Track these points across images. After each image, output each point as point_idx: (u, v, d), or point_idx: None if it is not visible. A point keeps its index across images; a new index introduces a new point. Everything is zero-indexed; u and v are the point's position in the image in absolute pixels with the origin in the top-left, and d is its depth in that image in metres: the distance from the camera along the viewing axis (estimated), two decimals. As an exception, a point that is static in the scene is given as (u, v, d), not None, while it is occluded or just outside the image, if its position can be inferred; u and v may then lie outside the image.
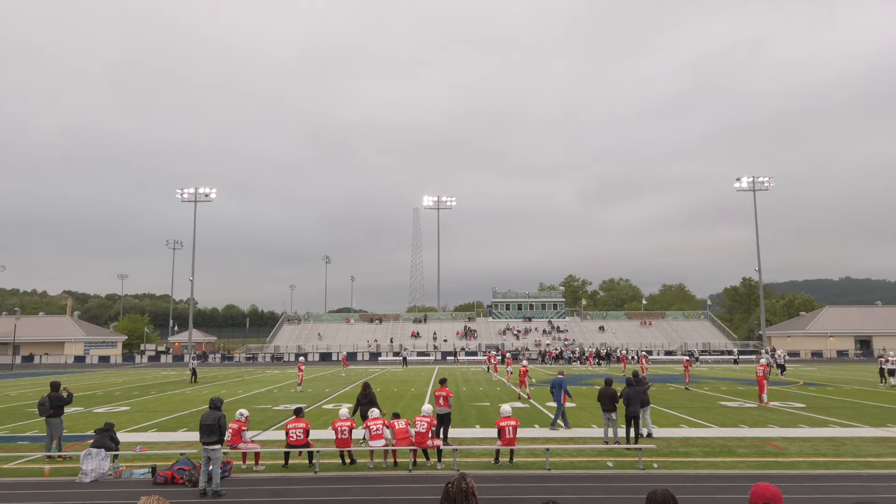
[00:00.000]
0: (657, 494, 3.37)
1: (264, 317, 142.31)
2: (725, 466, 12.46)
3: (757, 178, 76.04)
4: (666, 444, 14.88)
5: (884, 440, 15.38)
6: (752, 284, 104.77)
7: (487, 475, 11.98)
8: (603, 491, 10.63)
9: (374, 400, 15.53)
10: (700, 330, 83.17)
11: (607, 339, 78.31)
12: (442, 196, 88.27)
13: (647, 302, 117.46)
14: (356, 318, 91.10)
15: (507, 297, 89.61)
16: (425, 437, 12.86)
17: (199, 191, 76.88)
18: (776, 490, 3.34)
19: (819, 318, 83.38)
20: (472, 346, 77.84)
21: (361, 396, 15.71)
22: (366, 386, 16.22)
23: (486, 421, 19.03)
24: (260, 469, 12.71)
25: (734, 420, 19.10)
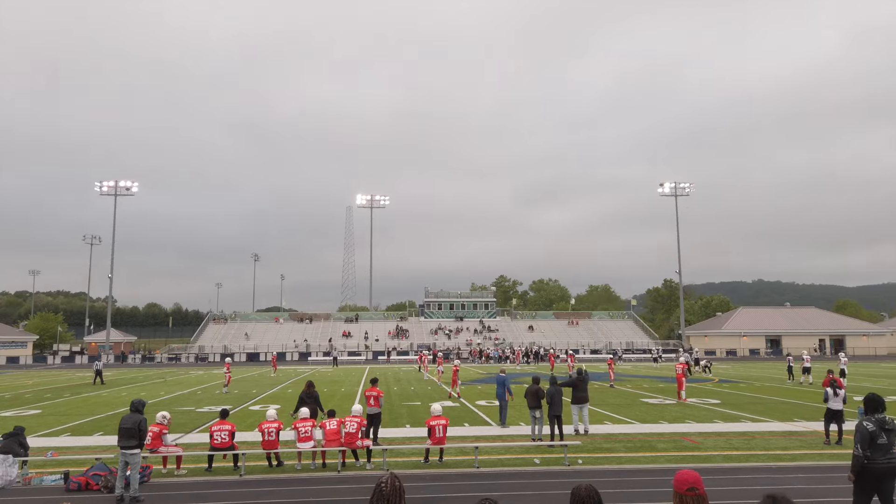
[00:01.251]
0: (581, 489, 3.47)
1: (188, 316, 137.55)
2: (646, 461, 12.94)
3: (678, 185, 79.33)
4: (590, 441, 15.31)
5: (791, 434, 16.34)
6: (672, 286, 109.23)
7: (417, 474, 12.01)
8: (530, 487, 10.85)
9: (317, 398, 15.28)
10: (624, 329, 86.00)
11: (536, 338, 79.83)
12: (375, 195, 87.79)
13: (575, 302, 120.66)
14: (286, 318, 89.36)
15: (440, 296, 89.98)
16: (355, 438, 12.75)
17: (120, 184, 73.59)
18: (698, 475, 3.53)
19: (733, 318, 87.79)
20: (404, 345, 77.75)
21: (305, 395, 15.43)
22: (309, 384, 15.95)
23: (417, 420, 19.05)
24: (182, 473, 12.28)
25: (655, 416, 19.85)
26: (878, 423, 7.39)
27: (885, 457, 7.27)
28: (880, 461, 7.26)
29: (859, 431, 7.41)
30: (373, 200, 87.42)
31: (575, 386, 16.58)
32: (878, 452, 7.28)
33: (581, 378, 16.80)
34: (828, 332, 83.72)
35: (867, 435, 7.31)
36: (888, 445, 7.31)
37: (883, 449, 7.29)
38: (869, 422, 7.43)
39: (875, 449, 7.29)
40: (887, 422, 7.41)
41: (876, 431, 7.34)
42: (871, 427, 7.35)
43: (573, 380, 16.79)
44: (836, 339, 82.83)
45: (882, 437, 7.32)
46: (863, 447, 7.30)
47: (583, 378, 16.84)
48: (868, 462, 7.27)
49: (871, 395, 7.90)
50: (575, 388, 16.55)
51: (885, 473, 7.29)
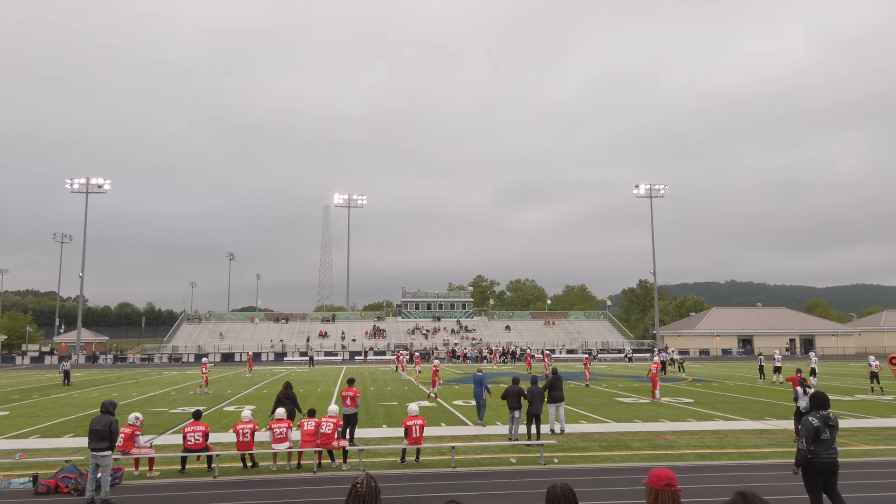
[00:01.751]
0: (556, 488, 3.50)
1: (162, 316, 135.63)
2: (621, 459, 13.07)
3: (654, 186, 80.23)
4: (566, 440, 15.43)
5: (762, 432, 16.62)
6: (647, 286, 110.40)
7: (394, 475, 11.99)
8: (506, 486, 10.89)
9: (294, 400, 15.15)
10: (599, 329, 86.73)
11: (513, 338, 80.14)
12: (353, 194, 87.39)
13: (551, 302, 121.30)
14: (261, 318, 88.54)
15: (417, 296, 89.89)
16: (331, 438, 12.69)
17: (92, 181, 72.30)
18: (673, 473, 3.58)
19: (707, 318, 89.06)
20: (381, 345, 77.54)
21: (283, 396, 15.31)
22: (287, 385, 15.83)
23: (394, 420, 19.02)
24: (154, 475, 12.11)
25: (629, 415, 20.06)
26: (823, 420, 7.85)
27: (827, 451, 7.75)
28: (823, 456, 7.74)
29: (805, 426, 7.86)
30: (350, 200, 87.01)
31: (552, 385, 16.71)
32: (822, 447, 7.75)
33: (557, 378, 16.96)
34: (798, 332, 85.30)
35: (812, 430, 7.76)
36: (830, 441, 7.77)
37: (826, 444, 7.75)
38: (815, 418, 7.86)
39: (819, 444, 7.74)
40: (831, 418, 7.88)
41: (820, 427, 7.79)
42: (817, 423, 7.80)
43: (550, 380, 16.91)
44: (807, 339, 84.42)
45: (825, 432, 7.78)
46: (808, 441, 7.76)
47: (558, 378, 17.00)
48: (812, 457, 7.73)
49: (818, 392, 8.42)
50: (551, 388, 16.68)
51: (827, 467, 7.78)
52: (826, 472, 7.81)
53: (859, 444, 14.67)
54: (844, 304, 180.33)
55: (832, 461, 7.81)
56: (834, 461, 7.84)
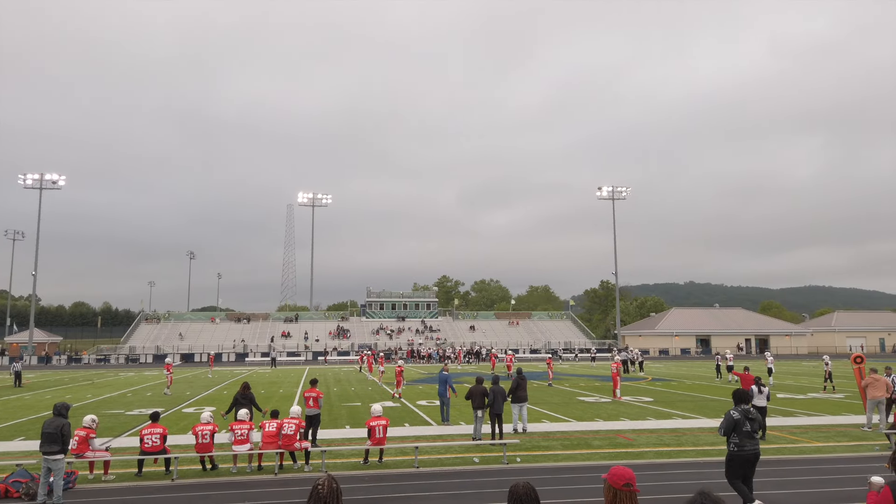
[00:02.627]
0: (518, 487, 3.52)
1: (119, 315, 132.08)
2: (582, 458, 13.23)
3: (616, 188, 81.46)
4: (529, 439, 15.55)
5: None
6: (609, 287, 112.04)
7: (356, 475, 11.93)
8: (469, 486, 10.93)
9: (253, 400, 14.90)
10: (562, 329, 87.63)
11: (478, 338, 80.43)
12: (318, 193, 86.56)
13: (515, 302, 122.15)
14: (222, 318, 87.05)
15: (382, 296, 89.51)
16: (293, 440, 12.55)
17: (46, 177, 70.12)
18: (632, 472, 3.64)
19: (666, 318, 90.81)
20: (345, 345, 77.02)
21: (240, 396, 15.04)
22: (245, 386, 15.56)
23: (357, 421, 18.91)
24: (110, 478, 11.81)
25: (591, 414, 20.32)
26: (743, 413, 8.54)
27: (749, 443, 8.43)
28: (747, 447, 8.42)
29: (725, 419, 8.59)
30: (315, 199, 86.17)
31: (517, 386, 16.86)
32: (745, 439, 8.42)
33: (522, 378, 17.10)
34: (754, 332, 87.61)
35: (732, 422, 8.48)
36: (752, 433, 8.45)
37: (748, 436, 8.43)
38: (736, 411, 8.60)
39: (742, 436, 8.42)
40: (751, 412, 8.59)
41: (741, 420, 8.47)
42: (737, 416, 8.51)
43: (515, 380, 17.06)
44: (761, 339, 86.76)
45: (746, 425, 8.45)
46: (726, 432, 8.55)
47: (523, 378, 17.14)
48: (738, 449, 8.41)
49: (738, 389, 9.12)
50: (516, 388, 16.81)
51: (750, 459, 8.46)
52: (749, 462, 8.47)
53: (812, 441, 15.13)
54: (798, 304, 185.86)
55: (756, 452, 8.48)
56: (757, 452, 8.51)
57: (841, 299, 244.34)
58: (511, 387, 16.77)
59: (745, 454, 8.41)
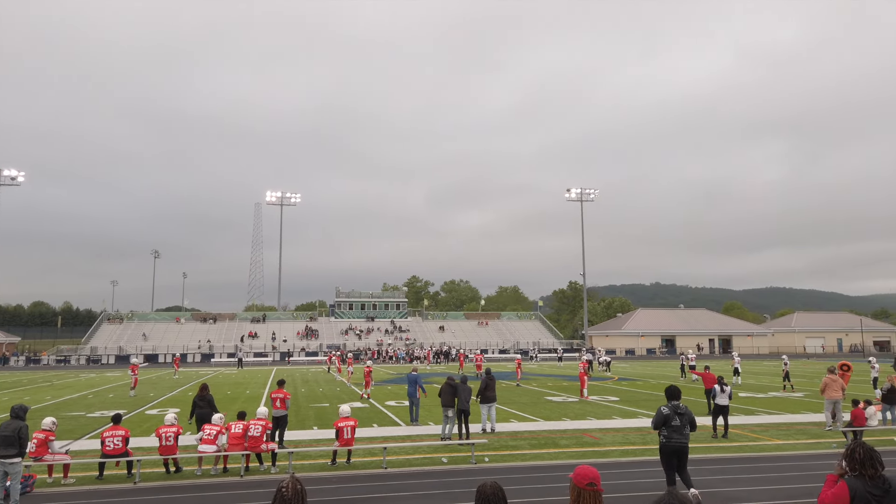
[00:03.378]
0: (486, 487, 3.54)
1: (80, 315, 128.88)
2: (549, 457, 13.34)
3: (584, 190, 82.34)
4: (497, 439, 15.62)
5: (682, 428, 17.31)
6: (577, 287, 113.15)
7: (324, 477, 11.84)
8: (438, 486, 10.93)
9: (211, 402, 14.65)
10: (531, 329, 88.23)
11: (447, 338, 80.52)
12: (286, 192, 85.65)
13: (485, 303, 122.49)
14: (187, 318, 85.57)
15: (351, 296, 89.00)
16: (259, 441, 12.40)
17: (3, 173, 68.07)
18: (596, 472, 3.68)
19: (632, 319, 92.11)
20: (314, 346, 76.37)
21: (198, 398, 14.77)
22: (203, 388, 15.30)
23: (325, 422, 18.78)
24: (70, 482, 11.52)
25: (558, 413, 20.50)
26: (673, 409, 9.24)
27: (678, 435, 9.13)
28: (674, 439, 9.12)
29: (656, 414, 9.35)
30: (283, 197, 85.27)
31: (486, 386, 16.92)
32: (674, 432, 9.13)
33: (490, 378, 17.17)
34: (717, 333, 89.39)
35: (662, 417, 9.24)
36: (681, 427, 9.13)
37: (677, 429, 9.12)
38: (666, 407, 9.31)
39: (671, 429, 9.13)
40: (680, 408, 9.24)
41: (670, 415, 9.19)
42: (667, 411, 9.24)
43: (484, 380, 17.11)
44: (724, 339, 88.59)
45: (676, 419, 9.14)
46: (656, 426, 9.30)
47: (492, 378, 17.21)
48: (666, 440, 9.14)
49: (670, 386, 9.74)
50: (485, 388, 16.87)
51: (678, 450, 9.16)
52: (677, 453, 9.17)
53: (772, 439, 15.49)
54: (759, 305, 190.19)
55: (682, 444, 9.16)
56: (684, 445, 9.19)
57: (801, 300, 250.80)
58: (480, 387, 16.83)
59: (672, 446, 9.14)
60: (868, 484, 4.29)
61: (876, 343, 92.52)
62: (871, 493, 4.27)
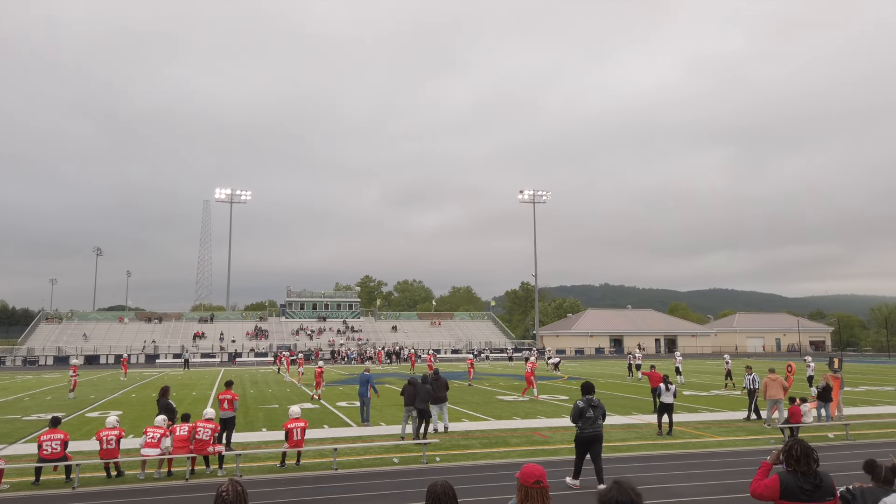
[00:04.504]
0: (437, 486, 3.55)
1: (16, 315, 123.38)
2: (500, 456, 13.47)
3: (537, 192, 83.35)
4: (449, 438, 15.67)
5: (630, 427, 17.72)
6: (529, 288, 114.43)
7: (272, 479, 11.66)
8: (388, 487, 10.90)
9: (168, 407, 14.18)
10: (483, 329, 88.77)
11: (400, 338, 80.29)
12: (236, 189, 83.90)
13: (437, 303, 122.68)
14: (131, 317, 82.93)
15: (302, 296, 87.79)
16: (206, 444, 12.13)
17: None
18: (542, 469, 3.73)
19: (582, 319, 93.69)
20: (263, 346, 75.04)
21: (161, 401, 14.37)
22: (165, 390, 14.88)
23: (274, 423, 18.49)
24: (4, 488, 11.03)
25: (509, 413, 20.70)
26: (587, 402, 10.41)
27: (591, 427, 10.28)
28: (587, 430, 10.29)
29: (574, 408, 10.52)
30: (233, 194, 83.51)
31: (433, 384, 16.97)
32: (587, 423, 10.28)
33: (437, 379, 17.26)
34: (663, 333, 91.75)
35: (578, 410, 10.39)
36: (594, 419, 10.29)
37: (590, 421, 10.27)
38: (581, 401, 10.47)
39: (585, 421, 10.28)
40: (594, 401, 10.44)
41: (585, 408, 10.35)
42: (582, 405, 10.39)
43: (431, 380, 17.18)
44: (670, 339, 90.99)
45: (590, 412, 10.32)
46: (573, 419, 10.45)
47: (438, 379, 17.30)
48: (581, 431, 10.28)
49: (585, 382, 10.98)
50: (434, 389, 16.91)
51: (591, 439, 10.29)
52: (590, 442, 10.28)
53: (714, 435, 15.99)
54: (703, 306, 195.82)
55: (595, 434, 10.32)
56: (597, 434, 10.35)
57: (742, 301, 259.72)
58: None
59: (587, 435, 10.30)
60: (800, 479, 4.49)
61: (812, 343, 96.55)
62: (802, 487, 4.47)
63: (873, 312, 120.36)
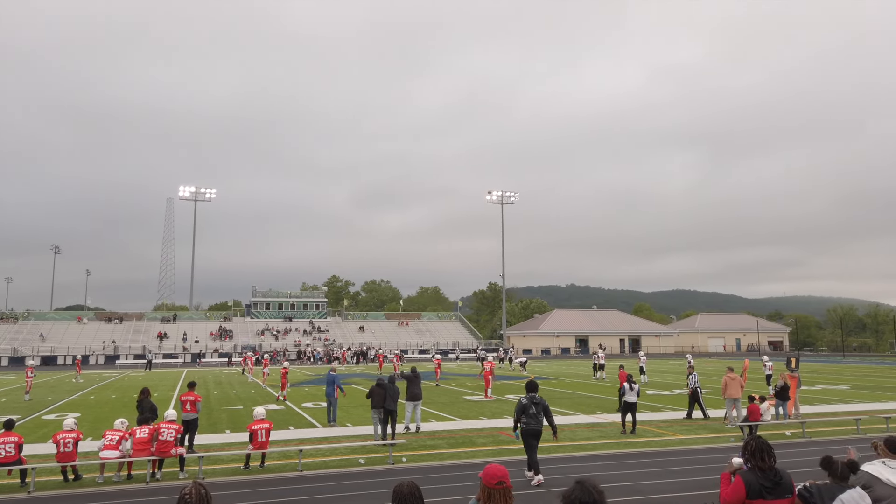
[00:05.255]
0: (403, 486, 3.54)
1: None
2: (467, 456, 13.50)
3: (505, 193, 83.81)
4: (416, 439, 15.65)
5: (594, 426, 17.93)
6: (496, 288, 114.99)
7: (236, 481, 11.49)
8: (354, 488, 10.84)
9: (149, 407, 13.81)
10: (451, 330, 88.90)
11: (367, 338, 79.90)
12: (201, 187, 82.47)
13: (405, 303, 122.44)
14: (91, 317, 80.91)
15: (268, 296, 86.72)
16: (169, 446, 11.89)
17: None
18: (505, 469, 3.73)
19: (548, 319, 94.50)
20: (227, 347, 73.92)
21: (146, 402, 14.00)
22: (145, 392, 14.52)
23: (238, 425, 18.24)
24: (-47, 495, 10.65)
25: (476, 413, 20.77)
26: (530, 399, 11.20)
27: (534, 422, 11.04)
28: (531, 425, 11.06)
29: (518, 404, 11.28)
30: (198, 192, 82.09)
31: (409, 381, 17.00)
32: (531, 419, 11.08)
33: (415, 375, 17.26)
34: (627, 333, 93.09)
35: (521, 406, 11.18)
36: (536, 414, 11.08)
37: (533, 417, 11.07)
38: (525, 398, 11.26)
39: (528, 417, 11.08)
40: (536, 398, 11.22)
41: (527, 405, 11.14)
42: (525, 402, 11.18)
43: (407, 376, 17.23)
44: (634, 339, 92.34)
45: (532, 408, 11.10)
46: (517, 415, 11.22)
47: (416, 375, 17.30)
48: (525, 426, 11.09)
49: (529, 381, 11.82)
50: (409, 384, 16.95)
51: (533, 433, 11.08)
52: (534, 436, 11.11)
53: (676, 434, 16.28)
54: (666, 307, 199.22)
55: (537, 429, 11.10)
56: (538, 429, 11.12)
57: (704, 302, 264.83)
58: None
59: (530, 429, 11.08)
60: (761, 477, 4.65)
61: (770, 343, 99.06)
62: (763, 485, 4.62)
63: (829, 313, 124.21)
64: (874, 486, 4.82)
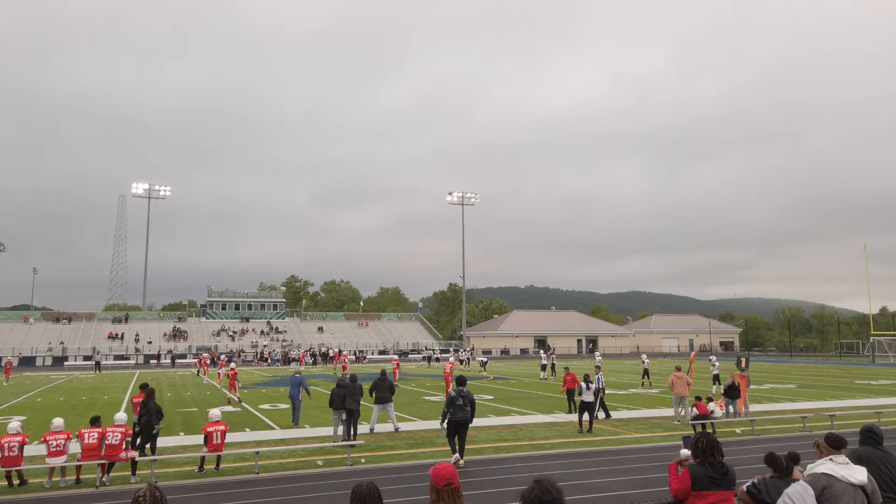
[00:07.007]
0: (362, 487, 3.52)
1: None
2: (426, 456, 13.49)
3: (465, 194, 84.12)
4: (374, 439, 15.58)
5: (552, 425, 18.14)
6: (457, 289, 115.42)
7: (190, 485, 11.25)
8: (312, 490, 10.74)
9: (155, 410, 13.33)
10: (411, 330, 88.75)
11: (326, 339, 79.13)
12: (155, 184, 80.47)
13: (365, 304, 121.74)
14: (37, 317, 78.15)
15: (224, 296, 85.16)
16: (118, 450, 11.57)
17: None
18: (454, 470, 3.73)
19: (508, 320, 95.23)
20: (182, 348, 72.28)
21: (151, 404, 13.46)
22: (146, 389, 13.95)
23: (193, 427, 17.86)
24: None
25: (435, 413, 20.76)
26: (458, 393, 12.29)
27: (460, 412, 12.18)
28: (457, 415, 12.17)
29: (447, 396, 12.47)
30: (151, 189, 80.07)
31: (376, 387, 16.87)
32: (457, 410, 12.17)
33: (383, 378, 17.17)
34: (585, 333, 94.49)
35: (450, 399, 12.30)
36: (463, 406, 12.20)
37: (460, 408, 12.18)
38: (453, 391, 12.36)
39: (455, 408, 12.17)
40: (464, 392, 12.33)
41: (456, 397, 12.22)
42: (454, 394, 12.28)
43: (376, 380, 17.08)
44: (591, 339, 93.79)
45: (459, 400, 12.21)
46: (447, 406, 12.31)
47: (384, 378, 17.21)
48: (452, 416, 12.15)
49: (459, 375, 13.19)
50: (377, 389, 16.83)
51: (459, 423, 12.20)
52: (460, 425, 12.20)
53: (631, 432, 16.59)
54: (622, 308, 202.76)
55: (464, 419, 12.23)
56: (465, 419, 12.24)
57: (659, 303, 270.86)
58: (370, 387, 16.80)
59: (457, 419, 12.14)
60: (709, 469, 4.96)
61: (722, 343, 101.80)
62: (710, 476, 4.93)
63: (777, 315, 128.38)
64: (832, 486, 4.88)
